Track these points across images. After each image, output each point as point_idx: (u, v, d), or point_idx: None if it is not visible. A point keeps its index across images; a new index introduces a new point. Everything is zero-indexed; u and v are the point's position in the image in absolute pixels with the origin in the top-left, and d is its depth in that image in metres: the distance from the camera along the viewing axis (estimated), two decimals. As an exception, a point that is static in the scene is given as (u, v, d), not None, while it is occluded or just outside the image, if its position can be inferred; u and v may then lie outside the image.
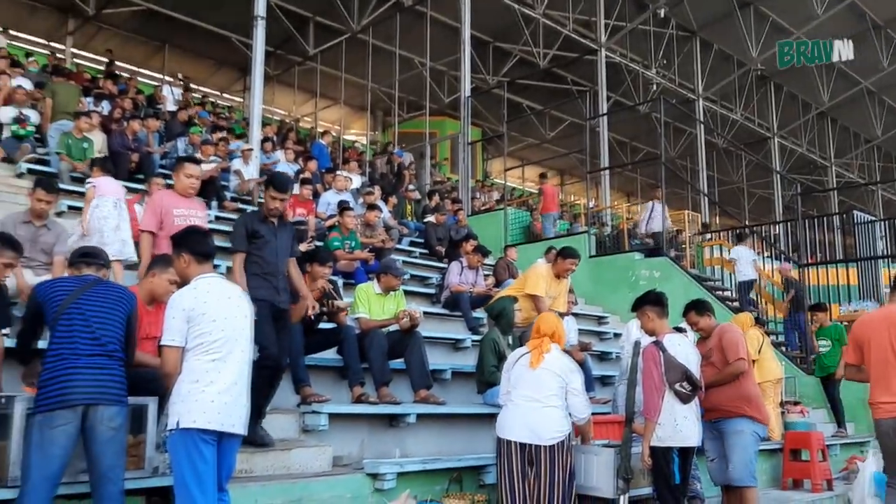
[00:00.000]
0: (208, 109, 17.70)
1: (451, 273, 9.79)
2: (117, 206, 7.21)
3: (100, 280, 3.94)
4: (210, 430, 3.65)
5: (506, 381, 5.15)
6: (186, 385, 3.68)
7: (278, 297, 5.33)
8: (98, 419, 3.57)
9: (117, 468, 3.67)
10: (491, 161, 25.94)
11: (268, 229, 5.35)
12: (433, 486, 5.59)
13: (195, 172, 5.75)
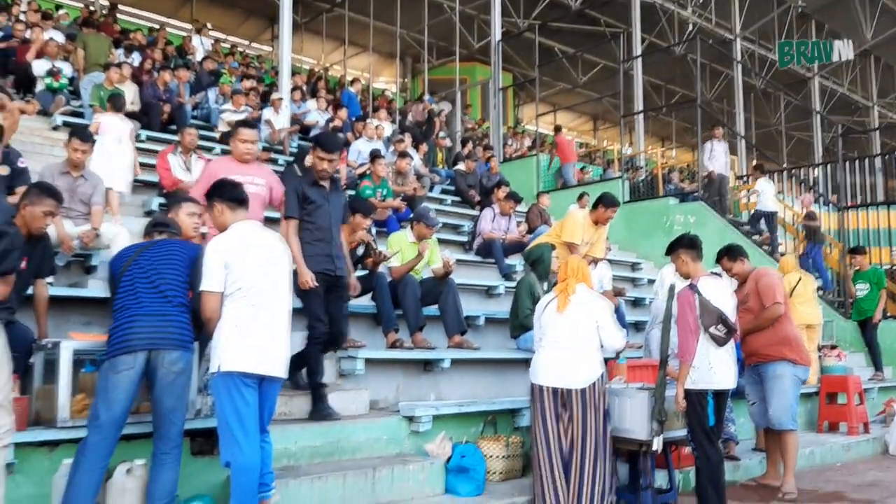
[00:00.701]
0: (237, 59, 17.64)
1: (484, 220, 9.77)
2: (120, 141, 7.84)
3: (165, 240, 4.07)
4: (251, 373, 3.74)
5: (538, 327, 5.15)
6: (227, 330, 3.76)
7: (332, 264, 5.20)
8: (159, 363, 3.68)
9: (178, 410, 3.78)
10: (522, 107, 25.61)
11: (319, 193, 5.19)
12: (468, 428, 5.68)
13: (251, 137, 5.40)
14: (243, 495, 3.71)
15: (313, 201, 5.14)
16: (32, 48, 10.29)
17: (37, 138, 8.80)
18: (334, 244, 5.21)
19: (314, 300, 5.06)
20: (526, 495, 4.98)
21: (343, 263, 5.30)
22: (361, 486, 4.59)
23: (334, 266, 5.19)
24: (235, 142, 5.36)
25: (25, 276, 4.16)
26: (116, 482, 3.70)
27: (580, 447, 4.77)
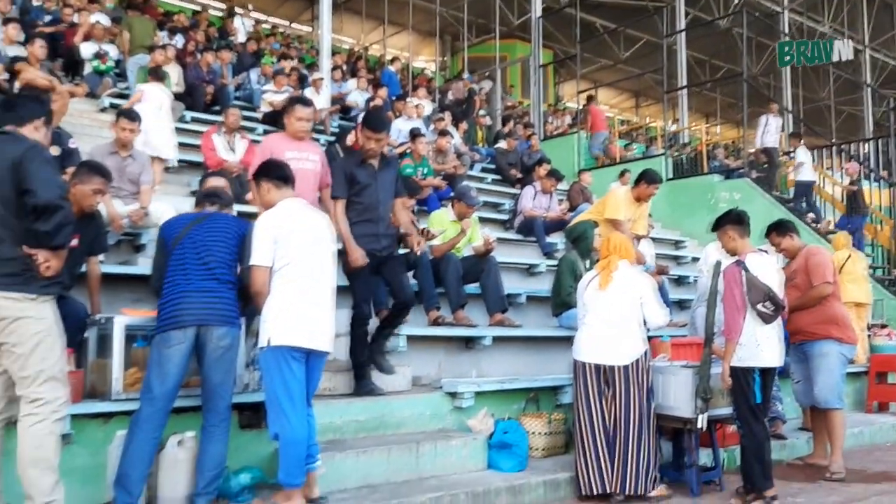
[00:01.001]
0: (278, 40, 17.73)
1: (525, 198, 9.73)
2: (161, 109, 8.31)
3: (216, 213, 4.12)
4: (299, 347, 3.81)
5: (580, 304, 5.14)
6: (277, 305, 3.84)
7: (378, 244, 5.20)
8: (208, 339, 3.77)
9: (226, 384, 3.88)
10: (563, 84, 25.32)
11: (366, 173, 5.17)
12: (510, 405, 5.70)
13: (306, 114, 5.32)
14: (291, 466, 3.79)
15: (360, 181, 5.13)
16: (79, 31, 10.48)
17: (85, 120, 8.98)
18: (381, 223, 5.22)
19: (361, 281, 5.10)
20: (569, 472, 4.99)
21: (390, 242, 5.31)
22: (405, 460, 4.66)
23: (380, 245, 5.20)
24: (291, 119, 5.33)
25: (78, 254, 4.27)
26: (168, 453, 3.81)
27: (623, 424, 4.76)
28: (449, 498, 4.36)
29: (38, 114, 3.60)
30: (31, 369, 3.26)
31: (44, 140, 3.62)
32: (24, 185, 3.21)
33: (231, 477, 4.00)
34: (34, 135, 3.51)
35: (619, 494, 4.73)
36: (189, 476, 3.80)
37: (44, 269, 3.29)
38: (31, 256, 3.27)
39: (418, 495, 4.29)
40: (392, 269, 5.31)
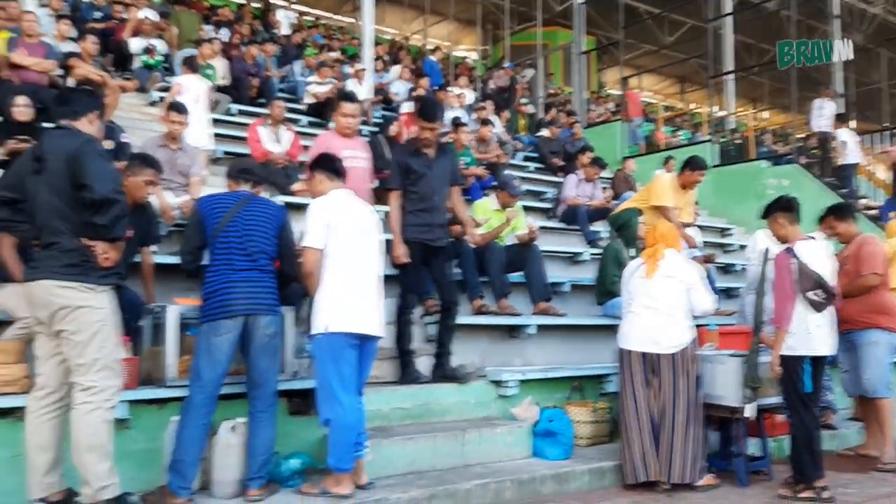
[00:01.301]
0: (321, 32, 17.86)
1: (568, 186, 9.67)
2: (198, 101, 8.37)
3: (253, 197, 4.16)
4: (355, 333, 3.91)
5: (626, 293, 5.12)
6: (332, 292, 3.93)
7: (431, 234, 5.20)
8: (255, 327, 3.86)
9: (271, 371, 3.96)
10: (605, 71, 25.05)
11: (421, 162, 5.17)
12: (554, 393, 5.70)
13: (352, 111, 5.43)
14: (342, 452, 3.87)
15: (415, 171, 5.14)
16: (128, 27, 10.69)
17: (135, 114, 9.16)
18: (435, 213, 5.22)
19: (410, 271, 5.15)
20: (614, 460, 4.98)
21: (443, 233, 5.31)
22: (451, 448, 4.70)
23: (433, 236, 5.21)
24: (337, 116, 5.39)
25: (132, 245, 4.39)
26: (221, 438, 3.90)
27: (670, 413, 4.74)
28: (494, 485, 4.39)
29: (92, 108, 3.68)
30: (87, 357, 3.35)
31: (98, 133, 3.71)
32: (80, 180, 3.29)
33: (281, 462, 4.08)
34: (88, 128, 3.59)
35: (665, 483, 4.71)
36: (241, 460, 3.89)
37: (102, 261, 3.39)
38: (90, 248, 3.37)
39: (464, 482, 4.33)
40: (440, 267, 5.31)
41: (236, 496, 3.86)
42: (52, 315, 3.35)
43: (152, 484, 3.86)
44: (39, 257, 3.44)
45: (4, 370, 3.67)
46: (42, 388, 3.45)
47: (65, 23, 9.22)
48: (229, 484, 3.88)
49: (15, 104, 5.66)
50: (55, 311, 3.34)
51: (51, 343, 3.45)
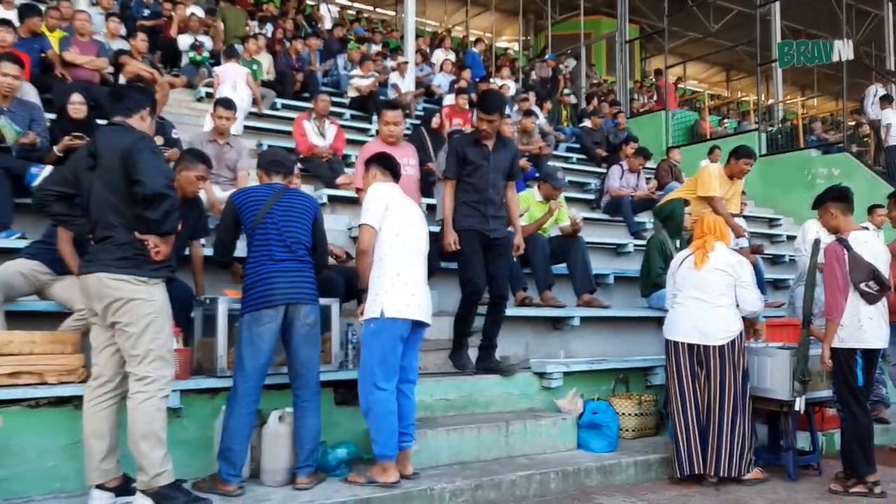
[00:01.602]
0: (363, 25, 17.95)
1: (612, 177, 9.58)
2: (235, 87, 8.91)
3: (286, 188, 4.21)
4: (411, 319, 3.99)
5: (671, 284, 5.07)
6: (389, 278, 3.99)
7: (487, 224, 5.08)
8: (296, 317, 3.91)
9: (313, 359, 4.02)
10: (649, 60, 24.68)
11: (479, 153, 5.07)
12: (599, 385, 5.68)
13: (394, 118, 5.38)
14: (384, 439, 3.93)
15: (472, 161, 5.06)
16: (175, 24, 10.88)
17: (184, 109, 9.34)
18: (491, 205, 5.10)
19: (470, 258, 5.04)
20: (660, 453, 4.95)
21: (501, 225, 5.19)
22: (495, 439, 4.72)
23: (489, 227, 5.09)
24: (380, 124, 5.38)
25: (182, 238, 4.48)
26: (270, 428, 3.98)
27: (717, 405, 4.69)
28: (539, 476, 4.40)
29: (144, 104, 3.75)
30: (141, 348, 3.43)
31: (149, 130, 3.79)
32: (133, 176, 3.36)
33: (329, 451, 4.15)
34: (141, 125, 3.67)
35: (712, 477, 4.67)
36: (289, 449, 3.96)
37: (154, 254, 3.47)
38: (142, 242, 3.46)
39: (509, 473, 4.34)
40: (495, 260, 5.16)
41: (285, 484, 3.93)
42: (107, 307, 3.44)
43: (204, 471, 3.96)
44: (94, 251, 3.53)
45: (62, 360, 3.79)
46: (98, 378, 3.55)
47: (115, 21, 9.43)
48: (278, 472, 3.95)
49: (70, 102, 5.80)
50: (109, 304, 3.43)
51: (106, 334, 3.54)
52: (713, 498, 4.50)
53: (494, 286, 5.23)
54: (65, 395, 3.74)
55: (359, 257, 4.13)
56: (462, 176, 5.09)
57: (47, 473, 3.68)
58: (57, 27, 8.38)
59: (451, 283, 5.92)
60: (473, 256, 5.04)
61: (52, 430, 3.71)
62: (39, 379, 3.72)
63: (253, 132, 9.28)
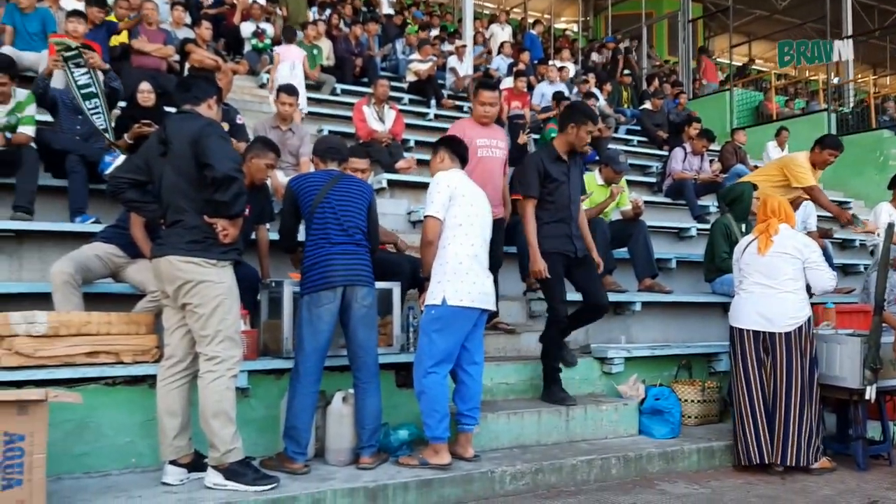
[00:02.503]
0: (421, 9, 17.95)
1: (674, 160, 9.41)
2: (293, 67, 9.36)
3: (343, 174, 4.27)
4: (474, 307, 4.03)
5: (737, 270, 4.96)
6: (452, 266, 4.03)
7: (571, 245, 4.81)
8: (353, 298, 3.97)
9: (370, 341, 4.08)
10: (713, 39, 24.05)
11: (560, 169, 4.79)
12: (661, 371, 5.62)
13: (491, 99, 5.15)
14: (434, 422, 3.98)
15: (555, 179, 4.77)
16: (238, 11, 11.07)
17: (246, 96, 9.52)
18: (573, 223, 4.86)
19: (555, 283, 4.76)
20: (723, 440, 4.88)
21: (582, 244, 4.93)
22: (556, 423, 4.72)
23: (574, 247, 4.83)
24: (475, 104, 5.21)
25: (249, 223, 4.58)
26: (334, 408, 4.06)
27: (784, 393, 4.59)
28: (600, 462, 4.39)
29: (211, 93, 3.85)
30: (210, 329, 3.53)
31: (216, 117, 3.89)
32: (203, 160, 3.46)
33: (391, 433, 4.21)
34: (208, 112, 3.77)
35: (778, 465, 4.59)
36: (353, 430, 4.04)
37: (223, 237, 3.57)
38: (211, 225, 3.55)
39: (570, 458, 4.34)
40: (587, 275, 4.92)
41: (349, 464, 4.01)
42: (178, 289, 3.55)
43: (271, 450, 4.07)
44: (165, 235, 3.64)
45: (137, 340, 3.93)
46: (170, 358, 3.67)
47: (179, 9, 9.63)
48: (342, 452, 4.04)
49: (139, 90, 5.98)
50: (180, 286, 3.54)
51: (177, 315, 3.65)
52: (779, 486, 4.42)
53: (593, 297, 4.92)
54: (139, 375, 3.89)
55: (423, 248, 4.16)
56: (543, 195, 4.77)
57: (123, 449, 3.84)
58: (126, 17, 8.61)
59: (511, 266, 5.94)
60: (559, 285, 4.78)
61: (128, 407, 3.86)
62: (116, 358, 3.86)
63: (314, 118, 9.41)
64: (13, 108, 5.16)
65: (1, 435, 3.02)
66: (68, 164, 5.26)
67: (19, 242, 5.02)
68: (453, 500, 3.91)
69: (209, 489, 3.53)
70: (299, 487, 3.62)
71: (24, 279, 4.96)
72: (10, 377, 3.57)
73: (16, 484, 3.03)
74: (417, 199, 7.58)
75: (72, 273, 4.13)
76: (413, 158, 8.10)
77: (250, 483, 3.53)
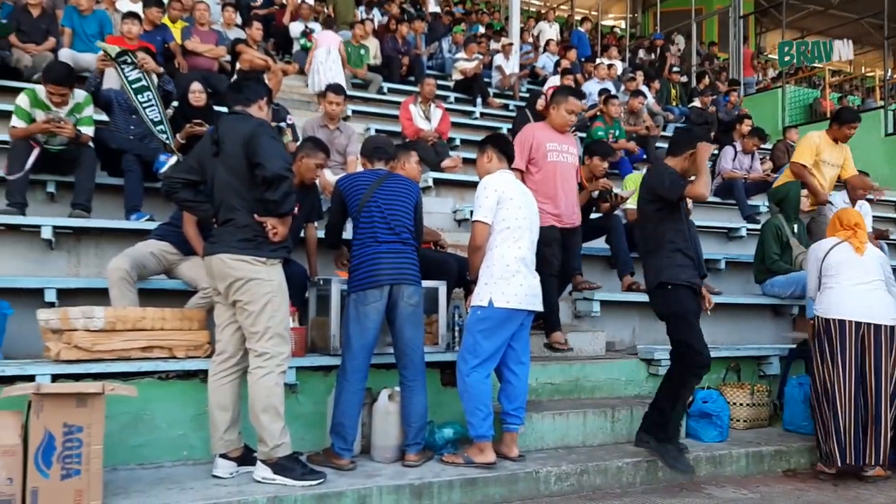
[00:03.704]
0: (467, 7, 17.94)
1: (724, 158, 9.24)
2: (329, 52, 9.57)
3: (390, 174, 4.31)
4: (520, 309, 4.03)
5: (815, 269, 4.84)
6: (499, 268, 4.04)
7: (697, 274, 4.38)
8: (400, 296, 4.01)
9: (417, 339, 4.11)
10: (765, 35, 23.58)
11: None
12: (709, 374, 5.49)
13: (577, 107, 5.02)
14: (477, 421, 3.99)
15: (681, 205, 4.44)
16: (287, 11, 11.22)
17: (295, 95, 9.64)
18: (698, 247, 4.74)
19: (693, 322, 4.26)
20: (773, 445, 4.80)
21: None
22: (601, 425, 4.69)
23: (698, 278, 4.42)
24: (560, 109, 4.96)
25: (299, 221, 4.66)
26: (380, 406, 4.11)
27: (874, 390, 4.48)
28: (646, 464, 4.35)
29: (262, 94, 3.91)
30: (260, 325, 3.60)
31: (267, 117, 3.95)
32: (255, 160, 3.52)
33: (436, 431, 4.24)
34: (259, 113, 3.83)
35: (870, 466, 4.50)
36: (399, 427, 4.08)
37: (272, 235, 3.63)
38: (261, 224, 3.62)
39: (615, 460, 4.31)
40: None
41: (395, 461, 4.05)
42: (228, 286, 3.62)
43: (318, 445, 4.13)
44: (217, 233, 3.71)
45: (190, 336, 4.02)
46: (221, 354, 3.75)
47: (230, 10, 9.81)
48: (388, 449, 4.08)
49: (191, 91, 6.11)
50: (231, 283, 3.61)
51: (228, 312, 3.73)
52: (830, 493, 4.33)
53: None
54: (192, 369, 3.98)
55: (471, 252, 4.18)
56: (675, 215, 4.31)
57: (176, 441, 3.94)
58: (179, 18, 8.80)
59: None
60: (696, 320, 4.27)
61: (181, 401, 3.96)
62: (169, 353, 3.96)
63: (361, 116, 9.49)
64: (72, 109, 5.31)
65: (61, 426, 3.13)
66: (124, 162, 5.41)
67: (77, 239, 5.19)
68: (498, 499, 3.92)
69: (258, 483, 3.60)
70: (345, 483, 3.67)
71: (81, 275, 5.12)
72: (69, 370, 3.69)
73: (74, 474, 3.14)
74: (463, 197, 7.60)
75: (128, 270, 4.24)
76: (459, 157, 8.12)
77: (298, 478, 3.59)
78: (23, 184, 5.14)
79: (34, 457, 3.09)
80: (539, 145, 4.93)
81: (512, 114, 10.54)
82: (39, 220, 5.01)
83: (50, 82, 5.16)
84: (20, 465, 3.09)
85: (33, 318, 3.91)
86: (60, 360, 3.71)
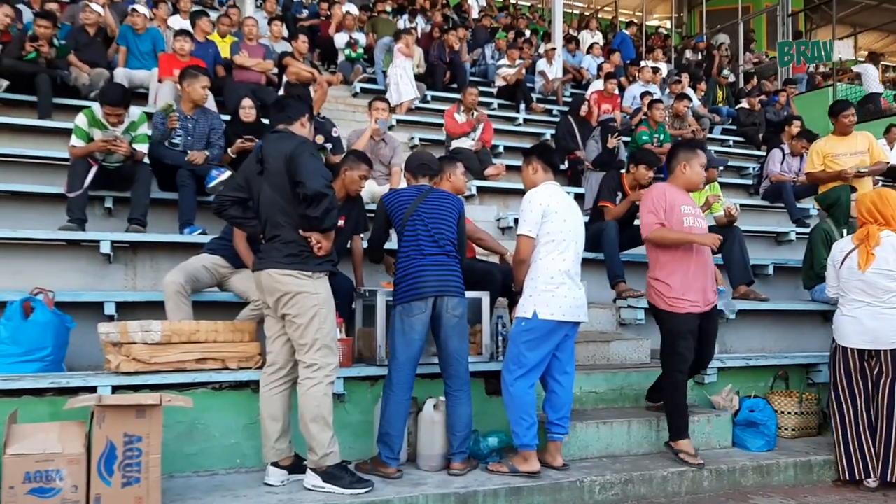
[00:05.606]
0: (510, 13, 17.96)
1: (772, 161, 9.11)
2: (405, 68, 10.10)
3: (433, 189, 4.39)
4: (564, 321, 4.09)
5: (832, 276, 4.78)
6: (544, 280, 4.10)
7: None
8: (444, 308, 4.08)
9: (462, 350, 4.18)
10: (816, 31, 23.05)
11: None
12: (756, 382, 5.50)
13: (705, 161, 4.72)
14: (521, 430, 4.05)
15: None
16: (332, 22, 11.40)
17: (340, 105, 9.81)
18: None
19: None
20: (822, 454, 4.74)
21: None
22: (646, 434, 4.70)
23: None
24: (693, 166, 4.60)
25: (346, 233, 4.78)
26: (426, 415, 4.18)
27: (886, 407, 4.41)
28: (692, 474, 4.34)
29: (304, 112, 4.04)
30: (308, 338, 3.71)
31: (308, 134, 4.07)
32: (296, 178, 3.63)
33: (481, 440, 4.30)
34: (301, 131, 3.96)
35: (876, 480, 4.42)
36: (444, 436, 4.15)
37: (317, 250, 3.74)
38: (306, 239, 3.73)
39: (661, 469, 4.32)
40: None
41: (440, 470, 4.13)
42: (277, 300, 3.74)
43: (366, 454, 4.24)
44: (265, 249, 3.84)
45: (242, 348, 4.16)
46: (272, 365, 3.88)
47: (277, 24, 10.02)
48: (434, 458, 4.16)
49: (241, 106, 6.28)
50: (279, 297, 3.72)
51: (278, 324, 3.85)
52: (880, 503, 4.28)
53: None
54: (244, 380, 4.12)
55: (516, 265, 4.24)
56: None
57: (229, 450, 4.08)
58: (228, 33, 9.03)
59: (600, 273, 5.94)
60: None
61: (234, 411, 4.10)
62: (222, 365, 4.11)
63: (405, 125, 9.60)
64: (127, 128, 5.52)
65: (122, 436, 3.28)
66: (179, 178, 5.59)
67: (134, 253, 5.39)
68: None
69: (308, 490, 3.72)
70: (393, 491, 3.76)
71: (138, 287, 5.32)
72: (129, 382, 3.86)
73: (135, 482, 3.29)
74: (507, 205, 7.65)
75: (182, 283, 4.41)
76: (502, 164, 8.17)
77: (347, 486, 3.69)
78: (82, 200, 5.36)
79: (97, 465, 3.25)
80: (674, 205, 4.47)
81: (555, 118, 10.54)
82: (98, 234, 5.21)
83: (106, 104, 5.38)
84: (84, 473, 3.26)
85: (93, 330, 4.08)
86: (120, 371, 3.88)
